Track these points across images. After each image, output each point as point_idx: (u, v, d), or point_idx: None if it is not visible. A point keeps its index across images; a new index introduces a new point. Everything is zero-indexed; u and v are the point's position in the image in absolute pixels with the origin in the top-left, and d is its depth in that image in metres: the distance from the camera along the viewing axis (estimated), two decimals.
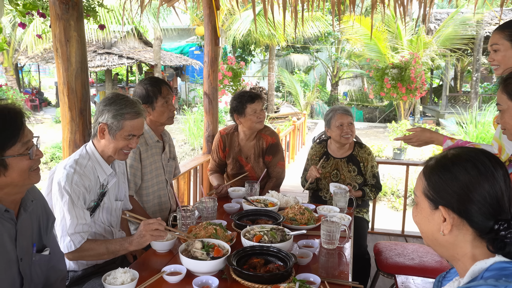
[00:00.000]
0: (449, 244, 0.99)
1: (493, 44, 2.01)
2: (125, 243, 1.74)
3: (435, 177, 1.00)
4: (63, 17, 2.22)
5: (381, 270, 2.57)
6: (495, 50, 2.01)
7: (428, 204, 1.02)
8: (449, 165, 0.99)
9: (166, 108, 2.40)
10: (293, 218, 2.16)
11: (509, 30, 1.97)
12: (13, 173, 1.25)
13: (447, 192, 0.97)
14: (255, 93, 2.91)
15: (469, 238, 0.97)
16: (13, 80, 15.29)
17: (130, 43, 16.44)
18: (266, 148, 2.96)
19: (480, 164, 0.96)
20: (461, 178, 0.96)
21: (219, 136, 3.02)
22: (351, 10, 3.64)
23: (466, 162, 0.97)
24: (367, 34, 11.19)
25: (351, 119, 2.84)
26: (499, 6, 4.13)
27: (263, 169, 2.96)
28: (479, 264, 0.95)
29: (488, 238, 0.94)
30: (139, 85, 2.41)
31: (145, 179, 2.40)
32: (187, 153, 10.34)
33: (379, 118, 16.83)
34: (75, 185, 1.75)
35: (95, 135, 1.88)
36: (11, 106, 1.26)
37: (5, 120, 1.23)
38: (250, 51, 17.49)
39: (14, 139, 1.24)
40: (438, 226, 0.99)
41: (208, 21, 3.88)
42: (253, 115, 2.81)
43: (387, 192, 7.04)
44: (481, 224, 0.94)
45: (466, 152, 1.01)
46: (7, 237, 1.30)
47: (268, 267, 1.60)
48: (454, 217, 0.96)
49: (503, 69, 2.00)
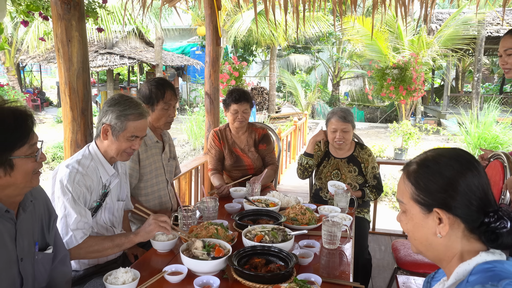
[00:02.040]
0: (443, 246, 0.99)
1: (508, 49, 2.03)
2: (131, 235, 1.75)
3: (423, 180, 0.99)
4: (65, 17, 2.22)
5: (400, 268, 2.56)
6: (509, 54, 2.03)
7: (420, 209, 1.00)
8: (434, 165, 0.99)
9: (165, 113, 2.39)
10: (294, 218, 2.16)
11: None
12: (18, 174, 1.27)
13: (438, 192, 0.97)
14: (244, 94, 2.97)
15: (460, 234, 0.97)
16: (15, 80, 15.33)
17: (132, 43, 16.47)
18: (259, 138, 3.15)
19: (463, 159, 0.98)
20: (448, 174, 0.96)
21: (213, 132, 3.17)
22: (352, 10, 3.64)
23: (449, 159, 0.98)
24: (368, 34, 11.18)
25: (346, 126, 2.79)
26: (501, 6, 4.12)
27: (258, 159, 3.11)
28: (462, 266, 0.95)
29: (480, 231, 0.95)
30: (146, 84, 2.40)
31: (145, 179, 2.40)
32: (188, 153, 10.34)
33: (380, 118, 16.81)
34: (76, 184, 1.75)
35: (98, 135, 1.89)
36: (22, 109, 1.29)
37: (16, 121, 1.25)
38: (251, 51, 17.50)
39: (23, 140, 1.26)
40: (433, 229, 0.98)
41: (210, 21, 3.88)
42: (233, 114, 2.98)
43: (388, 193, 7.03)
44: (473, 219, 0.95)
45: (446, 150, 1.02)
46: (7, 237, 1.31)
47: (269, 267, 1.60)
48: (449, 217, 0.96)
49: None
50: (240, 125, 3.02)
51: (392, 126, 9.49)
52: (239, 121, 2.98)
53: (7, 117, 1.24)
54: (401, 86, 8.80)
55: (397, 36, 11.36)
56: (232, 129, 3.11)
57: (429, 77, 11.80)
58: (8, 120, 1.24)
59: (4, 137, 1.23)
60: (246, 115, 2.99)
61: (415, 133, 9.07)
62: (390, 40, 11.43)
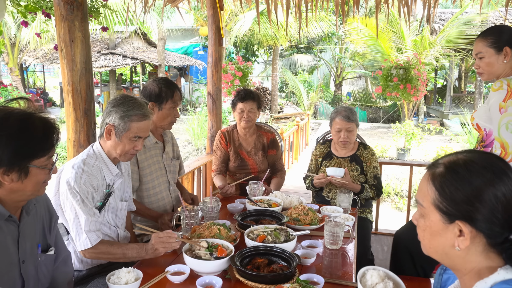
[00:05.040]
0: (461, 258, 0.92)
1: (478, 53, 2.11)
2: (142, 252, 1.75)
3: (449, 187, 0.90)
4: (68, 18, 2.23)
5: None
6: (480, 57, 2.10)
7: (440, 217, 0.92)
8: (464, 172, 0.89)
9: (171, 113, 2.39)
10: (297, 219, 2.16)
11: (491, 38, 2.07)
12: (29, 182, 1.28)
13: (464, 203, 0.88)
14: (250, 93, 2.97)
15: (481, 249, 0.90)
16: (18, 80, 15.36)
17: (134, 44, 16.50)
18: (268, 143, 3.11)
19: (496, 168, 0.88)
20: (478, 185, 0.87)
21: (220, 133, 3.14)
22: (355, 10, 3.63)
23: (482, 168, 0.89)
24: (371, 35, 11.17)
25: (351, 126, 2.78)
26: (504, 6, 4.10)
27: (263, 162, 3.09)
28: (479, 285, 0.89)
29: (502, 248, 0.88)
30: (153, 83, 2.38)
31: (145, 181, 2.38)
32: (190, 153, 10.35)
33: (383, 118, 16.78)
34: (83, 184, 1.77)
35: (101, 135, 1.89)
36: (52, 121, 1.31)
37: (44, 132, 1.28)
38: (253, 51, 17.50)
39: (45, 152, 1.28)
40: (452, 241, 0.91)
41: (212, 21, 3.88)
42: (240, 113, 2.97)
43: (391, 193, 7.02)
44: (497, 235, 0.88)
45: (479, 156, 0.92)
46: (10, 240, 1.32)
47: (272, 267, 1.60)
48: (472, 231, 0.88)
49: (488, 74, 2.10)
50: (247, 125, 2.99)
51: (394, 126, 9.46)
52: (245, 120, 2.96)
53: (38, 126, 1.26)
54: (408, 85, 8.76)
55: (400, 36, 11.34)
56: (240, 130, 3.09)
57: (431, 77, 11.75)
58: (38, 129, 1.26)
59: (30, 144, 1.24)
60: (252, 114, 2.97)
61: (417, 133, 9.04)
62: (392, 40, 11.41)
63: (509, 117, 1.92)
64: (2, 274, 1.29)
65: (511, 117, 1.92)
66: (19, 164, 1.24)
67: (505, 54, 2.02)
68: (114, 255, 1.77)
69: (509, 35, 2.04)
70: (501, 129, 1.94)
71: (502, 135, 1.93)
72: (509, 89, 1.95)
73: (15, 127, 1.21)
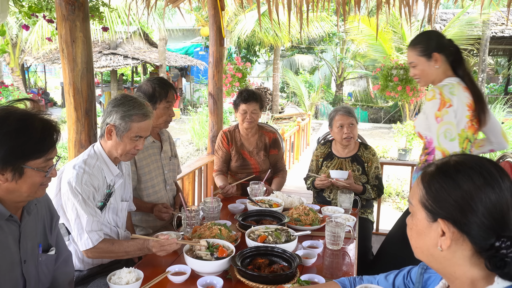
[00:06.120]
0: (446, 260, 0.92)
1: (411, 62, 2.18)
2: (144, 249, 1.77)
3: (435, 185, 0.91)
4: (69, 18, 2.23)
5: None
6: (414, 66, 2.17)
7: (425, 215, 0.93)
8: (452, 172, 0.90)
9: (165, 112, 2.40)
10: (298, 219, 2.16)
11: (420, 46, 2.13)
12: (24, 184, 1.26)
13: (448, 202, 0.88)
14: (253, 94, 2.97)
15: (468, 254, 0.89)
16: (20, 80, 15.38)
17: (136, 44, 16.51)
18: (270, 143, 3.12)
19: (486, 172, 0.88)
20: (465, 186, 0.87)
21: (222, 133, 3.14)
22: (356, 10, 3.63)
23: (471, 170, 0.89)
24: (372, 34, 11.15)
25: (352, 120, 2.82)
26: (505, 6, 4.10)
27: (265, 162, 3.09)
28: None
29: (487, 255, 0.87)
30: (147, 83, 2.39)
31: (143, 180, 2.39)
32: (191, 153, 10.34)
33: (384, 118, 16.76)
34: (85, 185, 1.77)
35: (102, 135, 1.90)
36: (53, 123, 1.30)
37: (42, 133, 1.26)
38: (254, 51, 17.49)
39: (41, 153, 1.27)
40: (435, 240, 0.91)
41: (213, 21, 3.89)
42: (242, 114, 2.97)
43: (392, 193, 7.01)
44: (482, 240, 0.87)
45: (470, 158, 0.92)
46: (11, 239, 1.32)
47: (273, 267, 1.60)
48: (454, 231, 0.88)
49: (424, 81, 2.17)
50: (249, 126, 3.00)
51: (395, 127, 9.45)
52: (248, 121, 2.96)
53: (36, 126, 1.25)
54: (407, 86, 8.75)
55: (401, 36, 11.33)
56: (242, 130, 3.09)
57: None
58: (35, 130, 1.25)
59: (25, 144, 1.23)
60: (255, 115, 2.98)
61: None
62: (393, 41, 11.40)
63: (446, 126, 1.96)
64: (4, 274, 1.29)
65: (448, 125, 1.96)
66: (13, 164, 1.23)
67: (435, 60, 2.09)
68: (116, 253, 1.78)
69: (437, 41, 2.11)
70: (440, 137, 1.97)
71: (442, 144, 1.96)
72: (441, 98, 1.99)
73: (12, 127, 1.21)
